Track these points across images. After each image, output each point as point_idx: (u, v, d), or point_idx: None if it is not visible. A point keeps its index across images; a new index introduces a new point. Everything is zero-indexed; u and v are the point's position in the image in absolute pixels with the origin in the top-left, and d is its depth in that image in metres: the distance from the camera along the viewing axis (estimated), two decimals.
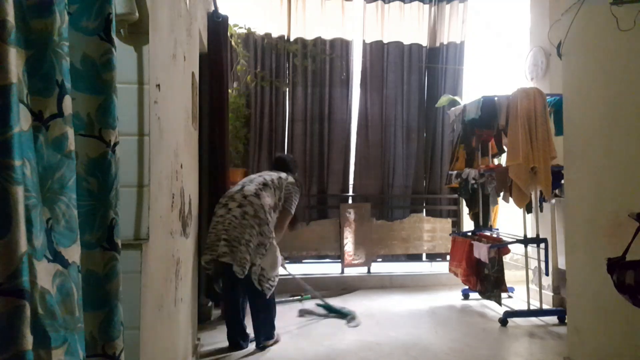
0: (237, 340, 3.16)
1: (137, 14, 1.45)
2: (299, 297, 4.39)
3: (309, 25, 4.97)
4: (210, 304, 3.82)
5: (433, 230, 5.17)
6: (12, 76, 0.74)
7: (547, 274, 3.98)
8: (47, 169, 0.88)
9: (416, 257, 5.25)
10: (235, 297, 3.17)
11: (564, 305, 3.86)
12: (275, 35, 4.91)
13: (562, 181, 3.15)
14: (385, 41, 5.12)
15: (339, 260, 5.00)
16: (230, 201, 3.14)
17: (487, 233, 4.30)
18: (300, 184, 3.47)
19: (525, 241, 3.86)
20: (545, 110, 3.65)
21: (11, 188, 0.73)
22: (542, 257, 3.92)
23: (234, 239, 2.98)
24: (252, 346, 3.19)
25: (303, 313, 3.97)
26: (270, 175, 3.34)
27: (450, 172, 4.58)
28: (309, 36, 4.97)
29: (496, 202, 4.35)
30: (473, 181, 4.11)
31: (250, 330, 3.21)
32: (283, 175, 3.40)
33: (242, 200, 3.11)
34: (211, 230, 3.12)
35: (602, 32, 2.50)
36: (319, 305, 4.05)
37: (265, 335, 3.17)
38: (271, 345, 3.19)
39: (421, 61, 5.19)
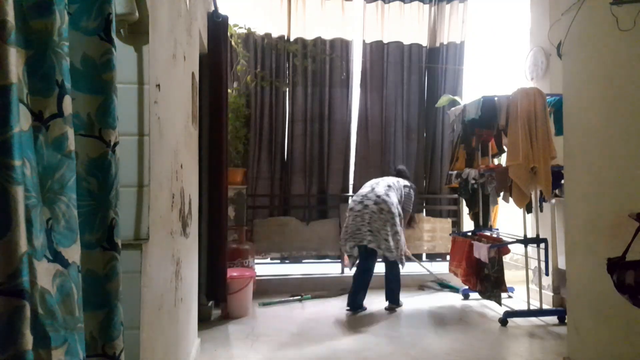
0: (359, 303, 4.02)
1: (137, 14, 1.45)
2: (299, 297, 4.39)
3: (309, 25, 4.97)
4: (210, 303, 3.82)
5: (433, 230, 5.17)
6: (12, 76, 0.74)
7: (547, 274, 3.98)
8: (47, 169, 0.88)
9: (416, 257, 5.24)
10: (370, 272, 4.07)
11: (564, 305, 3.86)
12: (275, 35, 4.91)
13: (562, 181, 3.15)
14: (385, 41, 5.12)
15: (339, 260, 4.99)
16: (366, 199, 3.96)
17: (487, 233, 4.30)
18: (414, 187, 4.31)
19: (525, 241, 3.86)
20: (545, 110, 3.65)
21: (11, 188, 0.73)
22: (542, 257, 3.92)
23: (376, 230, 3.87)
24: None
25: (423, 287, 4.88)
26: (391, 180, 4.19)
27: (450, 172, 4.58)
28: (309, 36, 4.96)
29: (496, 202, 4.34)
30: (473, 181, 4.11)
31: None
32: (401, 180, 4.24)
33: (376, 199, 3.93)
34: (350, 222, 3.96)
35: (602, 32, 2.50)
36: (434, 282, 4.96)
37: (395, 300, 4.08)
38: (397, 308, 4.08)
39: (421, 61, 5.19)
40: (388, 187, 4.04)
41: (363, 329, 3.60)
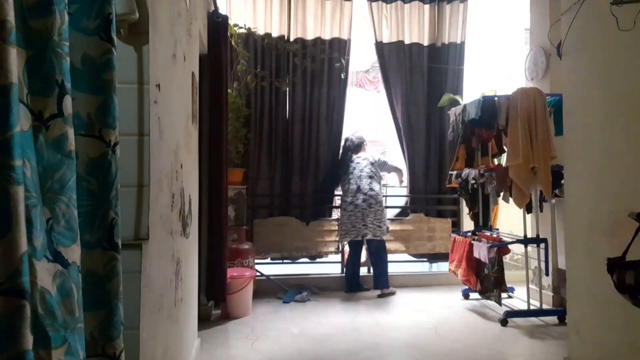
0: (356, 288, 4.65)
1: (137, 14, 1.45)
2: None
3: (309, 25, 4.97)
4: (210, 303, 3.82)
5: (433, 230, 5.16)
6: (12, 76, 0.74)
7: (547, 274, 3.98)
8: (47, 169, 0.88)
9: (416, 257, 5.24)
10: (359, 261, 4.73)
11: (564, 305, 3.85)
12: (275, 35, 4.91)
13: (562, 181, 3.15)
14: (385, 41, 5.11)
15: (339, 261, 4.99)
16: (355, 199, 4.55)
17: (487, 233, 4.29)
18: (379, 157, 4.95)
19: (525, 241, 3.86)
20: (545, 110, 3.65)
21: (11, 188, 0.73)
22: (542, 257, 3.92)
23: (370, 222, 4.50)
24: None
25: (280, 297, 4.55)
26: (366, 166, 4.65)
27: (450, 172, 4.58)
28: (309, 36, 4.96)
29: (496, 202, 4.34)
30: (473, 181, 4.11)
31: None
32: (369, 157, 4.74)
33: (364, 196, 4.54)
34: (346, 220, 4.57)
35: (602, 32, 2.49)
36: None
37: (385, 283, 4.56)
38: (389, 294, 4.54)
39: (422, 61, 5.18)
40: (370, 179, 4.57)
41: (363, 329, 3.60)
